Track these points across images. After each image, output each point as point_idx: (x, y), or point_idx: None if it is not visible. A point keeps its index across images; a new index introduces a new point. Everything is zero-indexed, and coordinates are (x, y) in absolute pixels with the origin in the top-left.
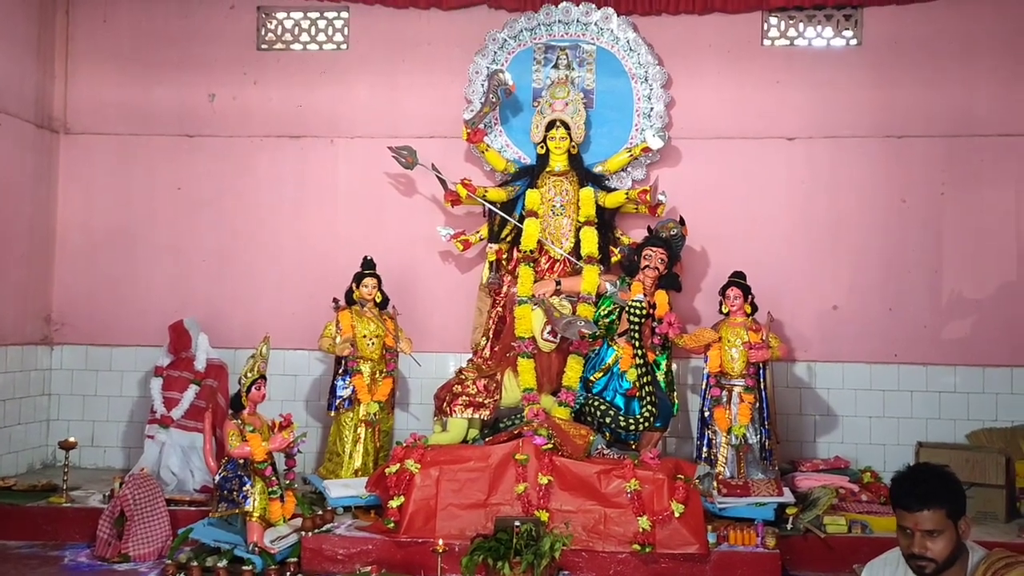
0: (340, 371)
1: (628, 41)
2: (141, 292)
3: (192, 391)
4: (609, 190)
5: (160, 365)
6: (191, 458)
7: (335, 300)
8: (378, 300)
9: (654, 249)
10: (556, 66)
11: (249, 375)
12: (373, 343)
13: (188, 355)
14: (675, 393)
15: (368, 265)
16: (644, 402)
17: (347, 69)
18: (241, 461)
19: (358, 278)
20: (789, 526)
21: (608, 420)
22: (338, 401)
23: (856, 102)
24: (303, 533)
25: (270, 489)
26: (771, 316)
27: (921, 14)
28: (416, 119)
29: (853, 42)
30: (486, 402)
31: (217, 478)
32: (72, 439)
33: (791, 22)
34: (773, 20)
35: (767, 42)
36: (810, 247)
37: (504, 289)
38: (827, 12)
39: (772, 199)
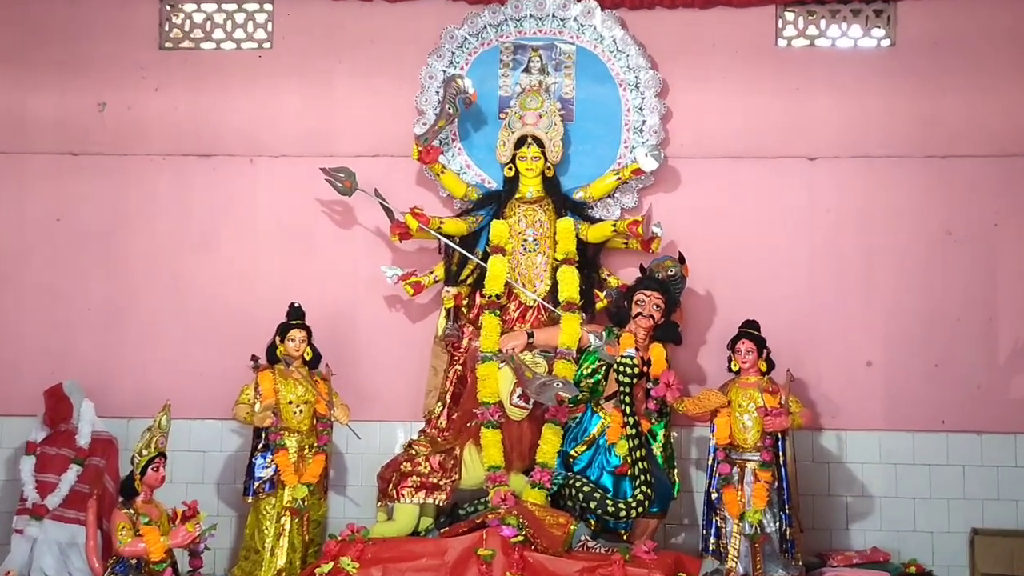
0: (260, 446)
1: (615, 40)
2: (8, 348)
3: (73, 472)
4: (592, 221)
5: (33, 440)
6: (70, 558)
7: (254, 358)
8: (307, 357)
9: (648, 293)
10: (527, 70)
11: (145, 452)
12: (301, 411)
13: (68, 427)
14: (675, 471)
15: (295, 314)
16: (637, 482)
17: (271, 73)
18: (133, 561)
19: (283, 330)
20: None
21: (593, 505)
22: (257, 484)
23: (890, 114)
24: None
25: None
26: (791, 375)
27: (967, 7)
28: (356, 134)
29: (885, 42)
30: (442, 483)
31: None
32: None
33: (811, 19)
34: (789, 16)
35: (783, 42)
36: (838, 290)
37: (464, 343)
38: (853, 7)
39: (791, 232)
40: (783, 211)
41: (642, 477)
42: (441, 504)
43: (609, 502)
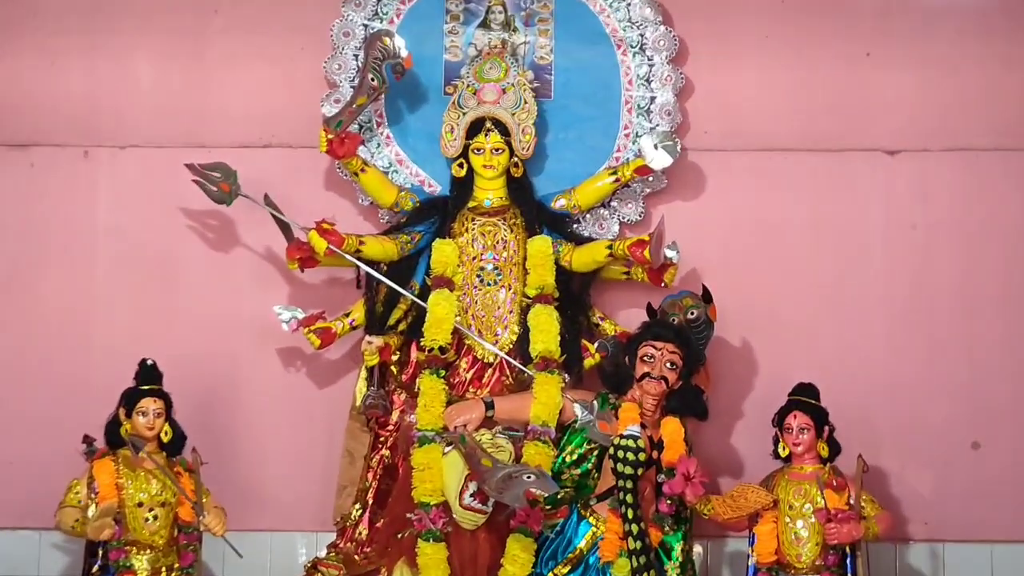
0: (95, 569)
1: None
2: None
3: None
4: (579, 241)
5: None
6: None
7: (86, 440)
8: (166, 439)
9: (659, 345)
10: (485, 24)
11: None
12: (156, 517)
13: None
14: None
15: (148, 375)
16: None
17: (114, 31)
18: None
19: (130, 399)
20: None
21: None
22: None
23: (998, 91)
24: None
25: None
26: (864, 463)
27: None
28: (238, 117)
29: None
30: None
31: None
32: None
33: None
34: None
35: None
36: (930, 339)
37: (394, 417)
38: None
39: (862, 256)
40: (850, 226)
41: None
42: None
43: None
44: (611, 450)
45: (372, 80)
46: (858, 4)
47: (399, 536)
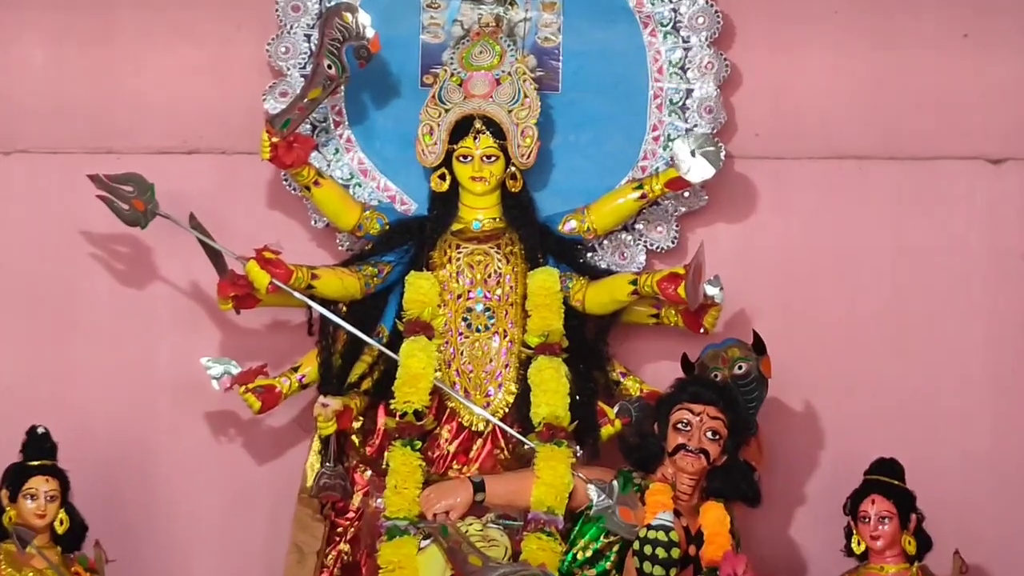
0: None
1: None
2: None
3: None
4: (595, 273)
5: None
6: None
7: None
8: (61, 529)
9: (698, 408)
10: None
11: None
12: None
13: None
14: None
15: (38, 447)
16: None
17: (1, 5)
18: None
19: (15, 478)
20: None
21: None
22: None
23: None
24: None
25: None
26: (963, 561)
27: None
28: (155, 114)
29: None
30: None
31: None
32: None
33: None
34: None
35: None
36: None
37: (356, 502)
38: None
39: (959, 290)
40: (944, 255)
41: None
42: None
43: None
44: (636, 544)
45: (329, 67)
46: None
47: None
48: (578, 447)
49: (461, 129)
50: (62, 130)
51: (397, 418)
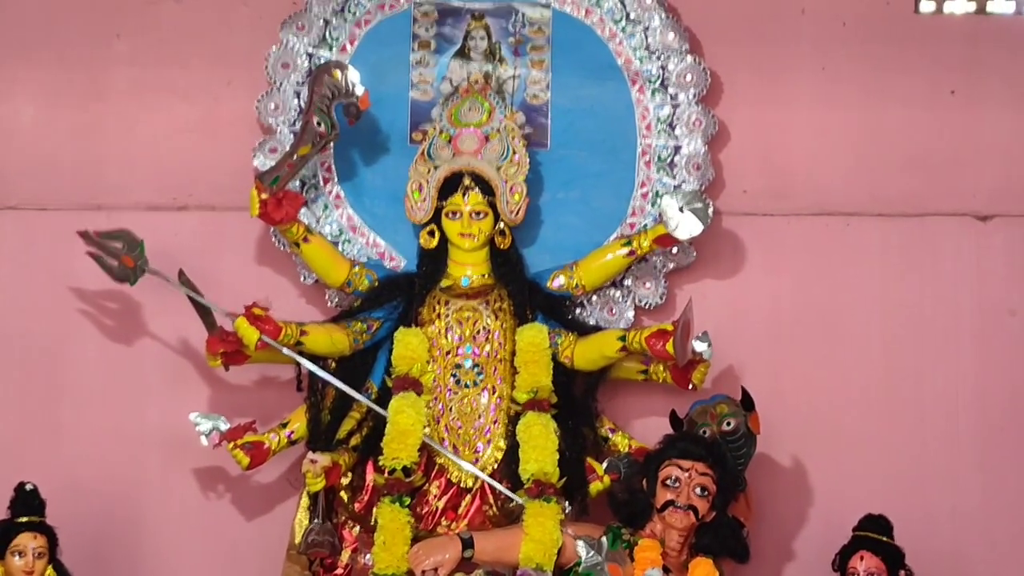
0: None
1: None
2: None
3: None
4: (583, 330)
5: None
6: None
7: None
8: None
9: (686, 464)
10: (463, 54)
11: None
12: None
13: None
14: None
15: (26, 504)
16: None
17: None
18: None
19: (3, 535)
20: None
21: None
22: None
23: None
24: None
25: None
26: None
27: None
28: (145, 171)
29: None
30: None
31: None
32: None
33: None
34: None
35: (928, 5)
36: None
37: (345, 558)
38: None
39: (947, 347)
40: (933, 312)
41: None
42: None
43: None
44: None
45: (318, 124)
46: (939, 27)
47: None
48: (567, 503)
49: (450, 185)
50: (52, 187)
51: (386, 474)
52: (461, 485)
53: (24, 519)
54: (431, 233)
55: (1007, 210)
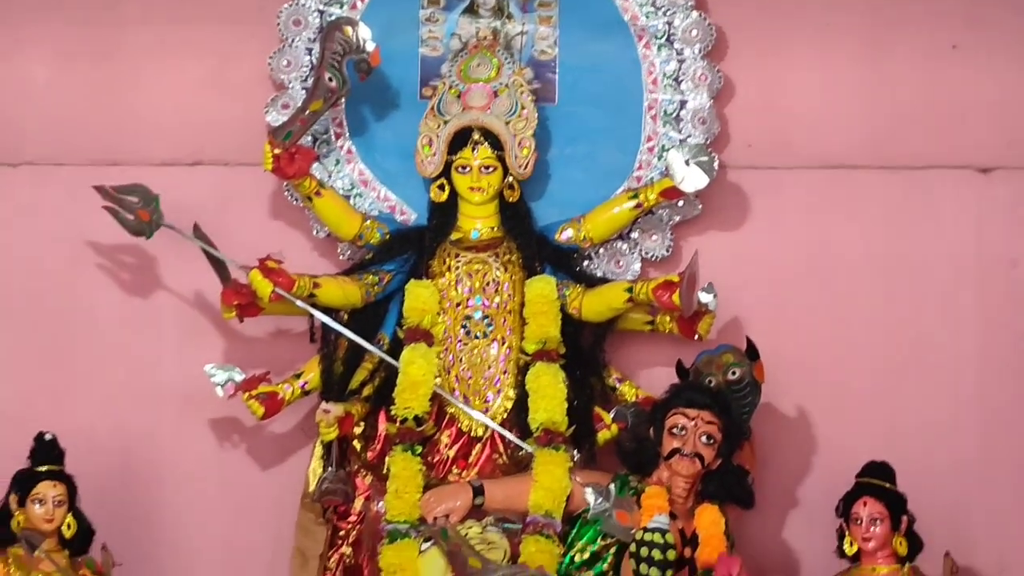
0: None
1: None
2: None
3: None
4: (591, 281)
5: None
6: None
7: None
8: (68, 533)
9: (692, 413)
10: (472, 10)
11: None
12: None
13: None
14: None
15: (46, 453)
16: None
17: (2, 21)
18: None
19: (23, 484)
20: None
21: None
22: None
23: None
24: None
25: None
26: (953, 563)
27: None
28: (159, 127)
29: None
30: None
31: None
32: None
33: None
34: None
35: None
36: None
37: (358, 506)
38: None
39: (948, 297)
40: (934, 264)
41: None
42: None
43: None
44: (632, 547)
45: (330, 80)
46: None
47: None
48: (575, 451)
49: (459, 140)
50: (68, 143)
51: (398, 424)
52: (471, 434)
53: (44, 468)
54: (441, 187)
55: (1008, 163)
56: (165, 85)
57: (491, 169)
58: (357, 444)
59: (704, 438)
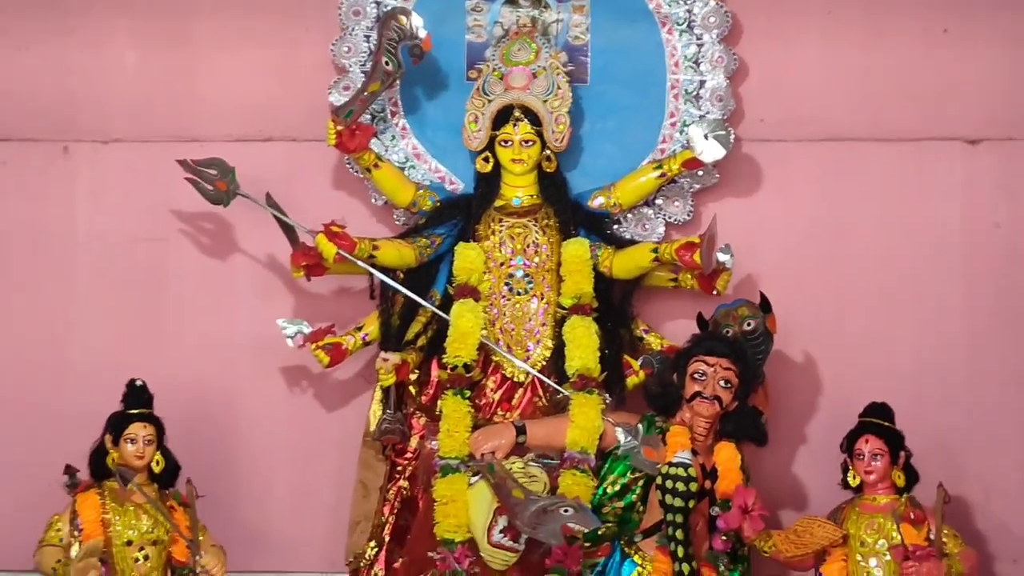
0: None
1: None
2: None
3: None
4: (620, 244)
5: None
6: None
7: (69, 471)
8: (157, 469)
9: (712, 360)
10: (513, 1)
11: None
12: (147, 557)
13: None
14: None
15: (138, 398)
16: None
17: (91, 11)
18: None
19: (117, 425)
20: None
21: None
22: None
23: None
24: None
25: None
26: (946, 493)
27: None
28: (234, 107)
29: None
30: None
31: None
32: None
33: None
34: None
35: None
36: (1017, 350)
37: (413, 444)
38: None
39: (939, 256)
40: (927, 226)
41: None
42: None
43: None
44: (658, 480)
45: (386, 64)
46: None
47: None
48: (607, 395)
49: (502, 117)
50: (152, 122)
51: (448, 371)
52: (514, 380)
53: (135, 411)
54: (486, 159)
55: (994, 135)
56: (239, 70)
57: (531, 143)
58: (412, 389)
59: (722, 383)
